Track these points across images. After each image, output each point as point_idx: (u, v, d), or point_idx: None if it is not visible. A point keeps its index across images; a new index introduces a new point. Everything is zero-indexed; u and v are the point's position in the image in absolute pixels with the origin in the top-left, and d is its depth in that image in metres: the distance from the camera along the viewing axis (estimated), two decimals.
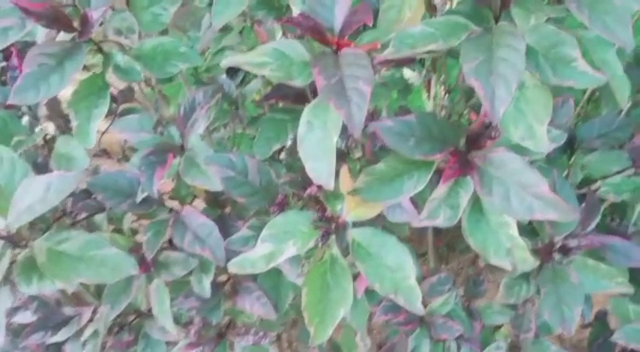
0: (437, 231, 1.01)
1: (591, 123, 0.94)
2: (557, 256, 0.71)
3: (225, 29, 1.16)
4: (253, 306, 0.77)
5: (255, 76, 1.24)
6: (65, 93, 0.70)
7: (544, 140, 0.52)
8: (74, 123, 0.68)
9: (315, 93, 0.81)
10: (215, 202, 0.81)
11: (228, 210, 0.83)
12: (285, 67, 0.58)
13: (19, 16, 0.63)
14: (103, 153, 1.26)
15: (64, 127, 1.15)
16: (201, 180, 0.73)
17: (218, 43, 1.15)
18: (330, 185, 0.56)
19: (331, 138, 0.56)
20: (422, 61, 0.87)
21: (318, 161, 0.57)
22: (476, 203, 0.60)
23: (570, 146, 0.95)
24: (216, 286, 0.78)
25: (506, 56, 0.49)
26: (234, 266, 0.60)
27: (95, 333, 0.82)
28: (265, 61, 0.58)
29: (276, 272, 0.79)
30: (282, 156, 0.89)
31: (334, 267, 0.62)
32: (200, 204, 0.85)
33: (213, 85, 1.24)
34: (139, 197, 0.74)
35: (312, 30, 0.57)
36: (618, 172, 0.94)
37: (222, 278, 0.84)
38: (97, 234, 0.69)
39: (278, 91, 0.80)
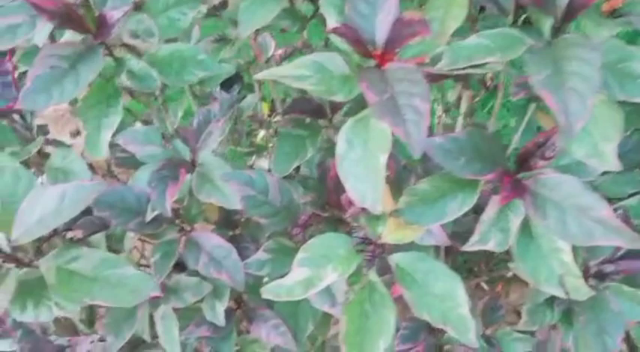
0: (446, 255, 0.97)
1: None
2: (591, 282, 0.68)
3: (221, 41, 1.11)
4: (270, 335, 0.71)
5: (252, 91, 1.20)
6: None
7: (613, 158, 0.49)
8: (83, 133, 0.62)
9: (334, 109, 0.78)
10: (227, 222, 0.76)
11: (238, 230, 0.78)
12: (326, 81, 0.54)
13: (29, 14, 0.57)
14: (89, 167, 1.18)
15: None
16: (217, 197, 0.68)
17: (216, 55, 1.10)
18: (376, 208, 0.51)
19: (376, 157, 0.52)
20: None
21: (361, 182, 0.52)
22: (525, 227, 0.56)
23: None
24: (227, 313, 0.72)
25: (577, 70, 0.46)
26: (268, 293, 0.55)
27: None
28: (304, 73, 0.54)
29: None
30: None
31: (373, 295, 0.57)
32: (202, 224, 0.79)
33: (206, 98, 1.19)
34: (149, 215, 0.68)
35: (355, 42, 0.53)
36: (632, 194, 0.92)
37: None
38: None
39: (296, 106, 0.76)
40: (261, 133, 1.32)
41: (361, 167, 0.52)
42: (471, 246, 0.54)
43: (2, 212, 0.56)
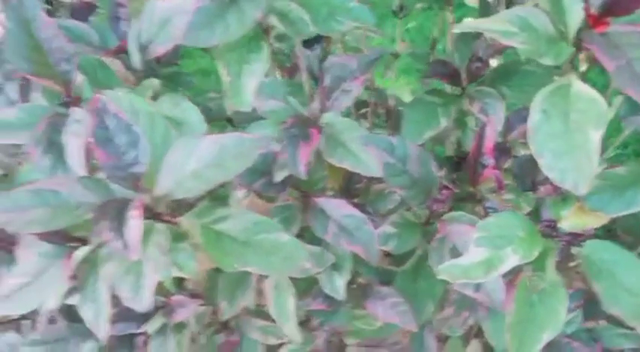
0: None
1: None
2: None
3: None
4: (387, 314, 0.66)
5: (334, 50, 1.13)
6: None
7: None
8: (226, 79, 0.56)
9: (471, 76, 0.71)
10: (347, 190, 0.70)
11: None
12: (533, 41, 0.48)
13: None
14: None
15: None
16: (350, 162, 0.62)
17: None
18: (580, 190, 0.46)
19: (584, 132, 0.46)
20: None
21: (562, 159, 0.47)
22: None
23: None
24: None
25: None
26: (444, 274, 0.49)
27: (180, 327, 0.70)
28: (510, 29, 0.48)
29: (412, 277, 0.69)
30: None
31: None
32: None
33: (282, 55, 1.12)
34: (279, 176, 0.62)
35: None
36: None
37: None
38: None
39: (434, 69, 0.70)
40: None
41: (561, 142, 0.47)
42: None
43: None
